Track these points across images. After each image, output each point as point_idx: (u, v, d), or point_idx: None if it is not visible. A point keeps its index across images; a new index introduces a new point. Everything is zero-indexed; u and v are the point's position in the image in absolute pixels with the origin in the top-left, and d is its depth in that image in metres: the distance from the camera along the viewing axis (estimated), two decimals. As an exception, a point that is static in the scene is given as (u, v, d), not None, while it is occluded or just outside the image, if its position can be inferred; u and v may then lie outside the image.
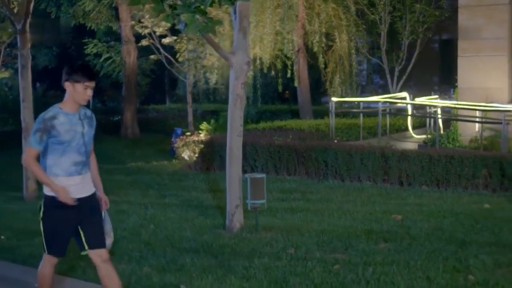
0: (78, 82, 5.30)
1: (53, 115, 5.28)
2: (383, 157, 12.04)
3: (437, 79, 27.70)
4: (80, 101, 5.36)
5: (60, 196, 5.23)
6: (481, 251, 7.38)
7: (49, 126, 5.23)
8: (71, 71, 5.35)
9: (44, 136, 5.23)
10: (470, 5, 15.58)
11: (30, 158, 5.30)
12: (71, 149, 5.33)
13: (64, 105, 5.37)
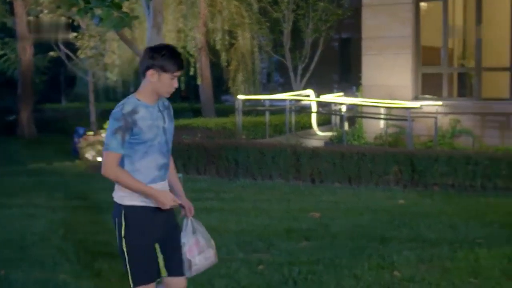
0: (166, 71, 4.17)
1: (133, 109, 4.14)
2: (295, 154, 12.01)
3: (338, 77, 28.14)
4: (163, 93, 4.26)
5: (165, 203, 4.18)
6: (403, 247, 7.40)
7: (130, 123, 4.10)
8: (157, 57, 4.17)
9: (126, 136, 4.11)
10: (373, 4, 15.79)
11: (113, 165, 4.13)
12: (154, 149, 4.24)
13: (142, 95, 4.23)
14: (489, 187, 10.48)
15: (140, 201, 4.22)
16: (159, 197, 4.17)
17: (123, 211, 4.21)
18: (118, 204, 4.25)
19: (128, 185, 4.16)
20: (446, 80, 15.67)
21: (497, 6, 15.66)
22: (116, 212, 4.26)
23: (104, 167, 4.16)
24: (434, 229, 8.20)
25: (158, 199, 4.17)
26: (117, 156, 4.14)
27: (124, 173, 4.16)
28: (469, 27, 16.06)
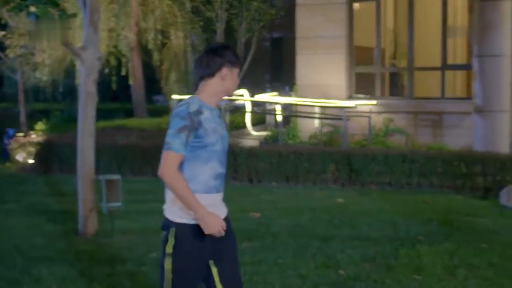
0: (235, 67, 3.97)
1: (199, 109, 3.85)
2: (232, 154, 11.93)
3: (270, 77, 28.20)
4: (231, 91, 4.02)
5: (211, 228, 3.77)
6: (345, 246, 7.42)
7: (196, 123, 3.80)
8: (226, 53, 3.95)
9: (190, 137, 3.79)
10: (307, 4, 15.88)
11: (173, 167, 3.77)
12: (215, 155, 3.92)
13: (206, 97, 3.94)
14: (425, 184, 10.65)
15: (188, 220, 3.86)
16: (207, 218, 3.78)
17: (173, 228, 3.86)
18: (168, 219, 3.90)
19: (181, 194, 3.78)
20: (379, 79, 15.88)
21: (428, 7, 15.96)
22: (165, 226, 3.92)
23: (163, 167, 3.78)
24: (374, 227, 8.26)
25: (205, 220, 3.78)
26: (179, 157, 3.80)
27: (182, 179, 3.80)
28: (401, 28, 16.33)
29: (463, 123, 14.55)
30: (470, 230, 8.05)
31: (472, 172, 10.44)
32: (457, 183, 10.45)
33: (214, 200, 3.93)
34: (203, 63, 3.97)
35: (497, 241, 7.57)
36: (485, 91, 12.05)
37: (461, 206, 9.42)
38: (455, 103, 15.02)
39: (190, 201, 3.78)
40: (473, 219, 8.66)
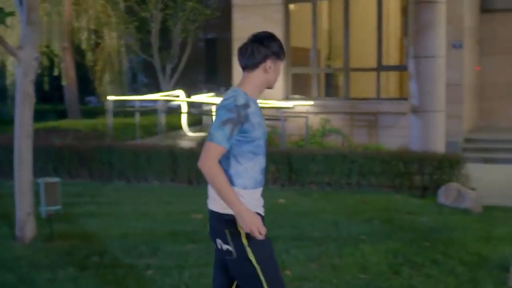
0: (280, 59, 3.85)
1: (246, 102, 3.71)
2: (171, 156, 11.83)
3: (205, 78, 28.09)
4: (272, 85, 3.90)
5: (247, 225, 3.64)
6: (290, 246, 7.42)
7: (243, 117, 3.68)
8: (272, 44, 3.83)
9: (235, 130, 3.66)
10: (244, 5, 15.88)
11: (214, 159, 3.64)
12: (261, 149, 3.81)
13: (250, 89, 3.83)
14: (364, 184, 10.75)
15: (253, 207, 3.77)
16: (245, 215, 3.65)
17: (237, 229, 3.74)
18: (228, 214, 3.75)
19: (219, 186, 3.65)
20: (316, 80, 16.00)
21: (363, 9, 16.16)
22: (224, 223, 3.79)
23: (204, 158, 3.66)
24: (317, 227, 8.29)
25: (242, 217, 3.65)
26: (221, 150, 3.66)
27: (222, 173, 3.66)
28: (336, 29, 16.49)
29: (398, 123, 14.81)
30: (411, 229, 8.16)
31: (410, 171, 10.59)
32: (396, 183, 10.58)
33: (258, 195, 3.86)
34: (247, 52, 3.83)
35: (438, 239, 7.69)
36: (421, 92, 12.23)
37: (401, 205, 9.55)
38: (390, 104, 15.27)
39: (229, 195, 3.65)
40: (414, 217, 8.78)
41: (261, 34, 3.89)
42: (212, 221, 3.90)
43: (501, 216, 8.93)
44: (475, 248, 7.33)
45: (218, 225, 3.83)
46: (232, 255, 3.78)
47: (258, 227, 3.67)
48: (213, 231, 3.90)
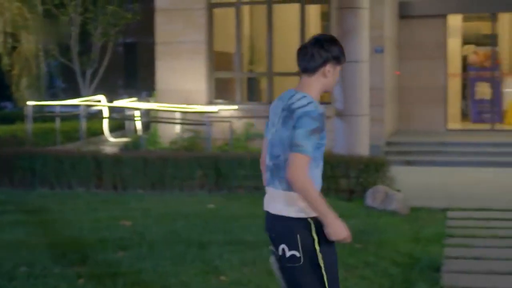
0: (340, 63, 3.82)
1: (323, 109, 3.71)
2: (96, 162, 11.61)
3: (125, 82, 27.74)
4: (330, 89, 3.91)
5: (338, 234, 3.65)
6: (223, 251, 7.38)
7: (324, 124, 3.68)
8: (333, 48, 3.79)
9: (318, 139, 3.66)
10: (167, 9, 15.77)
11: (305, 170, 3.60)
12: (322, 155, 3.84)
13: (315, 94, 3.80)
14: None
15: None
16: (336, 224, 3.66)
17: (313, 223, 3.70)
18: (298, 218, 3.72)
19: (312, 198, 3.62)
20: (239, 85, 16.02)
21: (286, 14, 16.29)
22: (294, 228, 3.71)
23: (295, 171, 3.58)
24: (249, 232, 8.27)
25: (334, 226, 3.64)
26: (309, 160, 3.63)
27: (313, 184, 3.66)
28: (260, 34, 16.55)
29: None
30: (342, 231, 8.23)
31: (336, 174, 10.70)
32: (323, 186, 10.64)
33: None
34: (307, 55, 3.79)
35: (369, 241, 7.80)
36: (345, 96, 12.40)
37: (329, 208, 9.63)
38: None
39: (321, 205, 3.64)
40: (343, 220, 8.84)
41: (322, 37, 3.85)
42: (278, 227, 3.78)
43: (427, 217, 9.14)
44: (405, 249, 7.48)
45: (287, 230, 3.73)
46: (299, 261, 3.70)
47: (347, 236, 3.68)
48: (277, 237, 3.78)
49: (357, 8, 12.28)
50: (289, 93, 3.86)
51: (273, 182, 3.84)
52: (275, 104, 3.93)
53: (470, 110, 19.82)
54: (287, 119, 3.73)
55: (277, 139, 3.80)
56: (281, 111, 3.81)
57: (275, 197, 3.82)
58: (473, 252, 7.43)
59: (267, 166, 3.91)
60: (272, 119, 3.90)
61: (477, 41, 20.27)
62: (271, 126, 3.90)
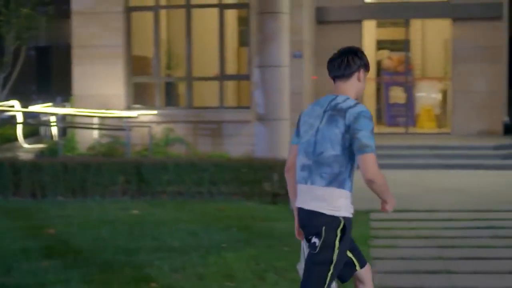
0: (368, 70, 4.34)
1: None
2: (13, 168, 11.29)
3: (39, 87, 27.05)
4: (361, 94, 4.36)
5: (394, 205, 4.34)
6: (152, 258, 7.29)
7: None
8: (363, 56, 4.30)
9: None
10: (84, 12, 15.49)
11: (377, 167, 4.05)
12: None
13: (353, 97, 4.26)
14: (215, 192, 10.80)
15: (350, 213, 4.24)
16: (393, 200, 4.31)
17: (342, 222, 4.12)
18: (334, 216, 4.10)
19: (386, 189, 4.18)
20: (158, 89, 15.91)
21: (205, 18, 16.29)
22: (330, 223, 4.10)
23: (372, 170, 4.00)
24: (176, 237, 8.21)
25: (391, 202, 4.29)
26: (376, 157, 4.05)
27: (384, 175, 4.12)
28: (179, 38, 16.47)
29: (242, 131, 15.03)
30: (270, 235, 8.29)
31: (260, 178, 10.76)
32: (246, 190, 10.72)
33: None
34: (343, 62, 4.22)
35: (296, 243, 7.82)
36: (266, 100, 12.47)
37: (255, 212, 9.69)
38: (233, 112, 15.49)
39: (388, 190, 4.19)
40: (270, 224, 8.94)
41: (352, 47, 4.32)
42: (313, 221, 4.15)
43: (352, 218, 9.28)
44: (332, 251, 7.57)
45: (318, 224, 4.12)
46: (315, 250, 4.11)
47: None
48: (311, 228, 4.17)
49: (278, 13, 12.38)
50: (328, 98, 4.26)
51: (312, 179, 4.16)
52: (310, 109, 4.30)
53: (385, 114, 20.30)
54: (335, 117, 4.11)
55: (320, 137, 4.15)
56: (323, 113, 4.18)
57: (312, 193, 4.17)
58: (399, 252, 7.62)
59: (303, 165, 4.22)
60: (309, 123, 4.24)
61: (391, 47, 20.80)
62: (308, 128, 4.24)
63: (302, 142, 4.26)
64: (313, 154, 4.15)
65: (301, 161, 4.25)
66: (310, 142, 4.18)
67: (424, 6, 18.26)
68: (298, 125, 4.34)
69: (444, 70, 20.12)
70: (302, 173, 4.23)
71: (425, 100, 20.13)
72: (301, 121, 4.31)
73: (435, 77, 20.62)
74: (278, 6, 12.38)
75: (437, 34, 20.15)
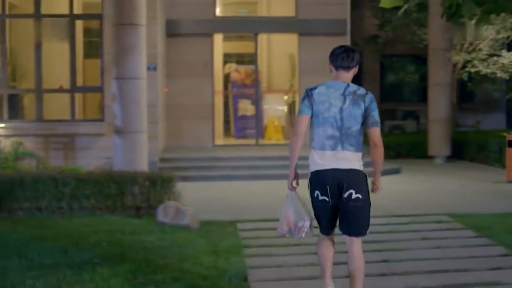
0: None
1: None
2: None
3: None
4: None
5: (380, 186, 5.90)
6: (24, 277, 6.96)
7: None
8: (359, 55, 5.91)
9: None
10: None
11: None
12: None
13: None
14: (76, 207, 10.49)
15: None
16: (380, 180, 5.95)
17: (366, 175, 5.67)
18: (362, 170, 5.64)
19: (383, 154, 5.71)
20: (6, 102, 15.29)
21: (55, 29, 15.88)
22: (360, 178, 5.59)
23: (380, 139, 5.63)
24: (46, 255, 7.87)
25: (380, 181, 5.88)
26: None
27: None
28: (28, 49, 15.89)
29: (96, 144, 14.78)
30: (142, 248, 8.18)
31: (122, 192, 10.59)
32: (109, 204, 10.52)
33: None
34: (349, 57, 5.66)
35: (171, 256, 7.82)
36: (125, 113, 12.34)
37: (122, 226, 9.50)
38: (86, 125, 15.19)
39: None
40: (140, 237, 8.81)
41: (351, 47, 5.80)
42: (350, 177, 5.52)
43: (219, 230, 9.38)
44: (208, 262, 7.62)
45: (355, 179, 5.55)
46: (360, 202, 5.54)
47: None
48: (349, 184, 5.51)
49: (136, 25, 12.32)
50: (341, 84, 5.63)
51: (344, 146, 5.55)
52: (326, 91, 5.60)
53: (234, 126, 20.62)
54: (358, 101, 5.57)
55: (347, 115, 5.53)
56: (345, 96, 5.57)
57: (345, 157, 5.55)
58: (272, 260, 7.77)
59: (332, 136, 5.54)
60: (329, 102, 5.56)
61: (239, 60, 21.20)
62: (329, 106, 5.56)
63: (324, 116, 5.55)
64: (341, 127, 5.53)
65: (327, 132, 5.55)
66: (336, 118, 5.53)
67: (272, 21, 18.80)
68: (310, 100, 5.61)
69: (290, 83, 20.75)
70: (329, 142, 5.55)
71: (272, 112, 20.66)
72: (317, 99, 5.58)
73: (282, 89, 21.20)
74: (137, 18, 12.33)
75: (284, 48, 20.75)
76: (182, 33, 17.78)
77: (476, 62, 21.54)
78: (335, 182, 5.50)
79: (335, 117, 5.51)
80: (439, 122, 19.12)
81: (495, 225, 9.48)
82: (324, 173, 5.53)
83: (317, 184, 5.61)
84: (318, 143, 5.56)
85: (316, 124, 5.58)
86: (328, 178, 5.52)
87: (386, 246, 8.41)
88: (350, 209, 5.54)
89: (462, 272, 7.33)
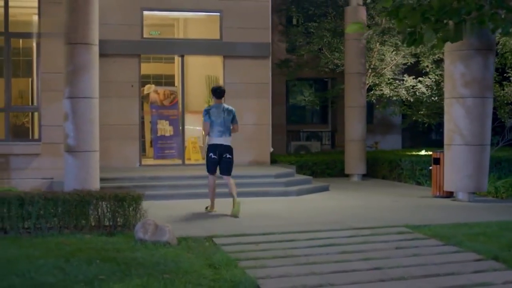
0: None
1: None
2: None
3: None
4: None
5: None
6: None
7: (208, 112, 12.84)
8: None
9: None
10: None
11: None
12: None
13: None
14: (45, 227, 10.37)
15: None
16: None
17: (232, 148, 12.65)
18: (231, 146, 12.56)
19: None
20: None
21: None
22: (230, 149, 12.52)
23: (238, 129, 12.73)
24: (44, 273, 7.72)
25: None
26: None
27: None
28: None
29: (31, 165, 14.57)
30: (139, 265, 8.21)
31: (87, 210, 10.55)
32: (81, 223, 10.47)
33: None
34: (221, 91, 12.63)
35: (171, 271, 7.94)
36: (77, 132, 12.34)
37: (102, 244, 9.45)
38: (22, 145, 14.93)
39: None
40: (128, 254, 8.79)
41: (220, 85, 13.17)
42: (224, 150, 12.42)
43: (198, 245, 9.51)
44: (212, 275, 7.82)
45: (229, 150, 12.47)
46: (231, 159, 12.47)
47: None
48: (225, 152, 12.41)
49: (90, 45, 12.37)
50: (221, 105, 12.39)
51: (226, 134, 12.39)
52: (215, 109, 12.38)
53: (153, 147, 20.66)
54: (229, 113, 12.40)
55: (227, 121, 12.34)
56: (223, 112, 12.32)
57: (226, 140, 12.39)
58: (271, 271, 8.04)
59: (219, 131, 12.32)
60: (217, 114, 12.31)
61: (160, 81, 21.30)
62: (218, 116, 12.31)
63: (216, 122, 12.25)
64: (224, 125, 12.31)
65: (218, 128, 12.30)
66: (221, 122, 12.27)
67: (197, 43, 19.07)
68: (209, 114, 12.33)
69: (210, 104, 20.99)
70: (219, 133, 12.30)
71: (191, 132, 20.86)
72: (212, 113, 12.31)
73: (200, 111, 21.40)
74: (90, 37, 12.39)
75: (209, 69, 21.05)
76: (110, 54, 17.75)
77: (383, 86, 22.70)
78: (219, 149, 12.27)
79: (221, 122, 12.26)
80: (355, 142, 20.02)
81: (455, 234, 10.20)
82: (215, 145, 12.32)
83: (210, 150, 12.36)
84: (213, 133, 12.31)
85: (212, 125, 12.25)
86: (216, 147, 12.31)
87: (370, 255, 8.90)
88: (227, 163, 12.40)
89: (452, 275, 7.94)
